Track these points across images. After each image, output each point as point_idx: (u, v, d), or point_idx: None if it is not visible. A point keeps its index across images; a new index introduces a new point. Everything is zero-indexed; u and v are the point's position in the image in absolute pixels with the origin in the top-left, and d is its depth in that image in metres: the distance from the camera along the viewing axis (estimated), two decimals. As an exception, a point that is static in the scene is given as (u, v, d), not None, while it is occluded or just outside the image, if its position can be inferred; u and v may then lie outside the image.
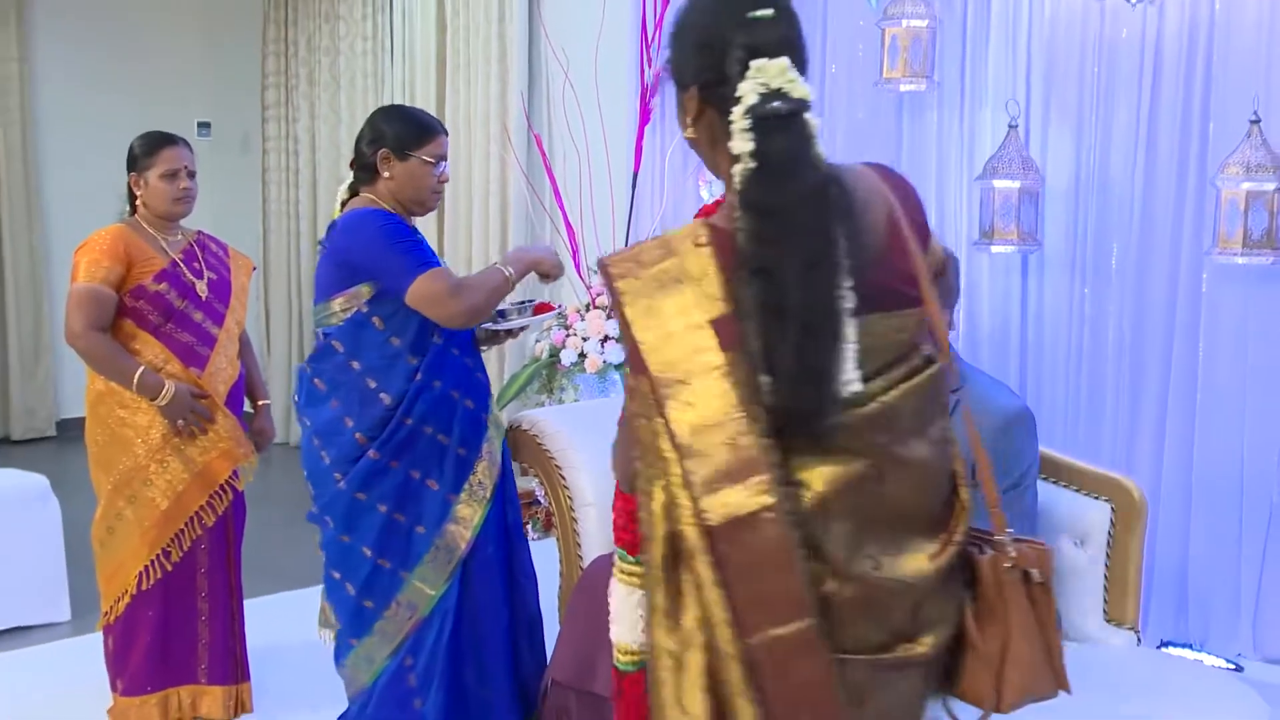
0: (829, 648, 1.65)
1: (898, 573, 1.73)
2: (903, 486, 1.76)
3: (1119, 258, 4.36)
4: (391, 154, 3.05)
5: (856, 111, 5.00)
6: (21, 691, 4.01)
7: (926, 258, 1.84)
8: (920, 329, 1.82)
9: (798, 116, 1.75)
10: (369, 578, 2.98)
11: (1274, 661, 4.05)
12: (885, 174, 1.89)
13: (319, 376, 3.04)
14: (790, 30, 1.81)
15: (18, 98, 7.85)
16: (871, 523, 1.73)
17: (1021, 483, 2.75)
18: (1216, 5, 4.07)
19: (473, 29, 6.62)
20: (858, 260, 1.70)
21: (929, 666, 1.82)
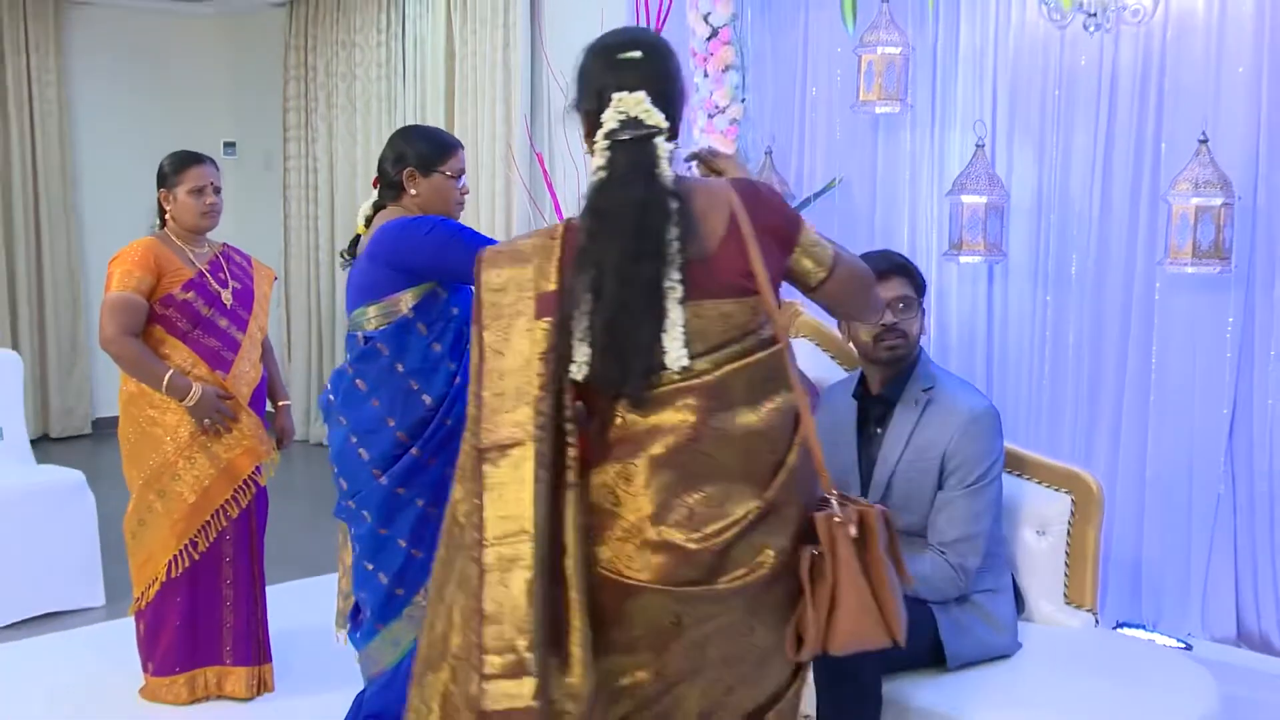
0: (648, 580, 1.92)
1: (710, 522, 1.93)
2: (725, 450, 1.97)
3: (1078, 267, 4.36)
4: (416, 172, 3.01)
5: (835, 132, 5.01)
6: (59, 671, 4.01)
7: (796, 257, 2.08)
8: (756, 315, 2.00)
9: (646, 140, 1.97)
10: (403, 567, 2.93)
11: (1221, 641, 4.06)
12: (742, 188, 2.08)
13: (361, 377, 2.96)
14: (653, 69, 2.01)
15: (56, 120, 7.84)
16: (692, 476, 1.94)
17: (987, 476, 2.76)
18: (1167, 35, 4.09)
19: (479, 56, 6.62)
20: (689, 256, 1.95)
21: (746, 602, 1.98)
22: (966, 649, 2.70)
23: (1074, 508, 3.00)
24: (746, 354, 1.99)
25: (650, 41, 2.08)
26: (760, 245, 2.01)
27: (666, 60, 2.05)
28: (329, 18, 7.65)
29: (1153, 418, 4.20)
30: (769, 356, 2.01)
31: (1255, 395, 3.99)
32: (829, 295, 2.18)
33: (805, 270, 2.12)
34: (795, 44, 5.10)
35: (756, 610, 2.01)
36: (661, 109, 1.99)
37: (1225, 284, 3.98)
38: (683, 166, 2.20)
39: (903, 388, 2.82)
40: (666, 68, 2.04)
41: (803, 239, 2.10)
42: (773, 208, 2.08)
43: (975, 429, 2.74)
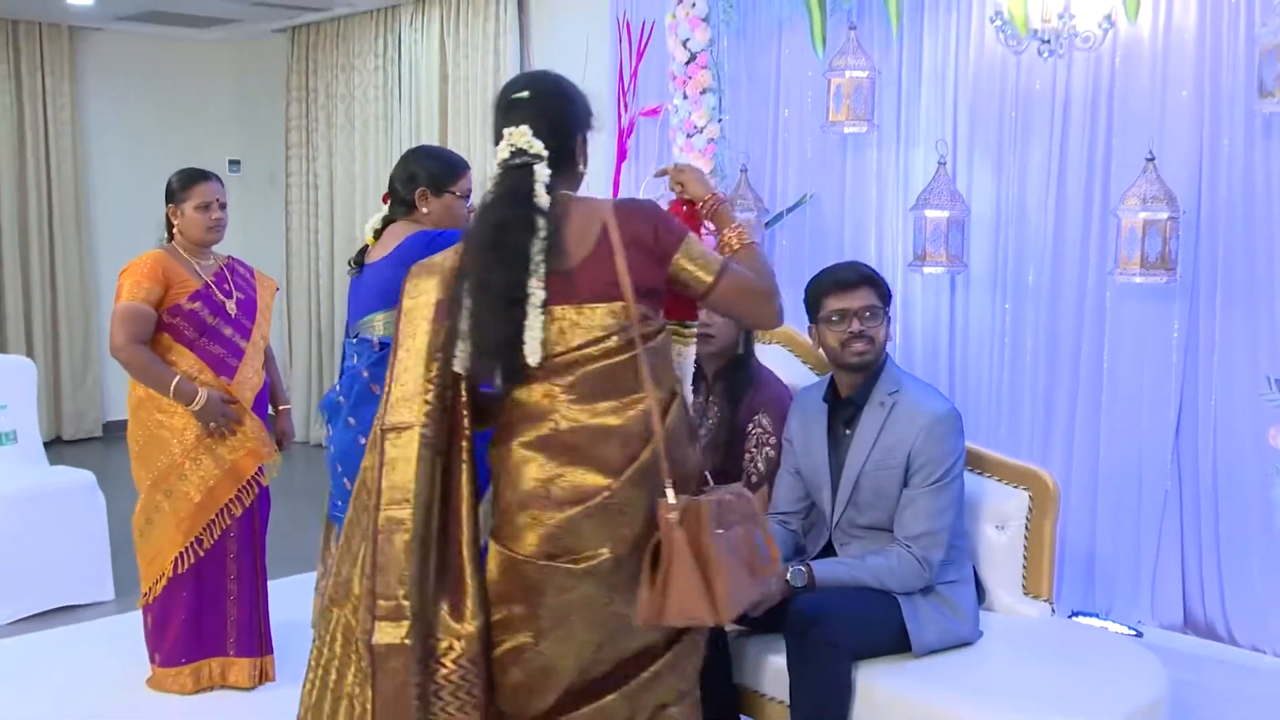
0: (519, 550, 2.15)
1: (567, 505, 2.12)
2: (580, 436, 2.14)
3: (1034, 277, 4.37)
4: (429, 191, 3.03)
5: (806, 150, 5.00)
6: (71, 662, 3.98)
7: (678, 268, 2.20)
8: (618, 320, 2.14)
9: (528, 167, 2.16)
10: None
11: (1169, 628, 4.07)
12: (619, 206, 2.24)
13: (376, 381, 2.91)
14: (539, 107, 2.22)
15: (70, 140, 7.80)
16: (553, 463, 2.14)
17: (949, 474, 2.75)
18: (1116, 61, 4.10)
19: (471, 79, 6.61)
20: (552, 267, 2.12)
21: (599, 577, 2.14)
22: (930, 637, 2.69)
23: (1031, 504, 3.00)
24: (606, 355, 2.15)
25: (539, 83, 2.29)
26: (628, 257, 2.16)
27: (552, 98, 2.26)
28: (329, 43, 7.62)
29: (1104, 419, 4.21)
30: (627, 360, 2.15)
31: (1200, 397, 4.01)
32: (716, 303, 2.29)
33: (689, 279, 2.23)
34: (769, 68, 5.10)
35: (614, 585, 2.16)
36: (545, 139, 2.18)
37: (1171, 293, 3.99)
38: (657, 187, 2.29)
39: (870, 391, 2.82)
40: (552, 104, 2.25)
41: (684, 250, 2.22)
42: (647, 224, 2.21)
43: (938, 430, 2.74)
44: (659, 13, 5.13)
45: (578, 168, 2.31)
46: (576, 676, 2.22)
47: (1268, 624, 3.87)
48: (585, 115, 2.31)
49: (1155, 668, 2.68)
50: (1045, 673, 2.66)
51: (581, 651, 2.20)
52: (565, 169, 2.26)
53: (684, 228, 2.26)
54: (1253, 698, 3.55)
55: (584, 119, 2.31)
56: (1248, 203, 3.86)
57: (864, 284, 2.82)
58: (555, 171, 2.21)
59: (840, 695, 2.58)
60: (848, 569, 2.70)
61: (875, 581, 2.68)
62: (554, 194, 2.19)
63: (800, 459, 2.92)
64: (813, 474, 2.89)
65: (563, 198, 2.22)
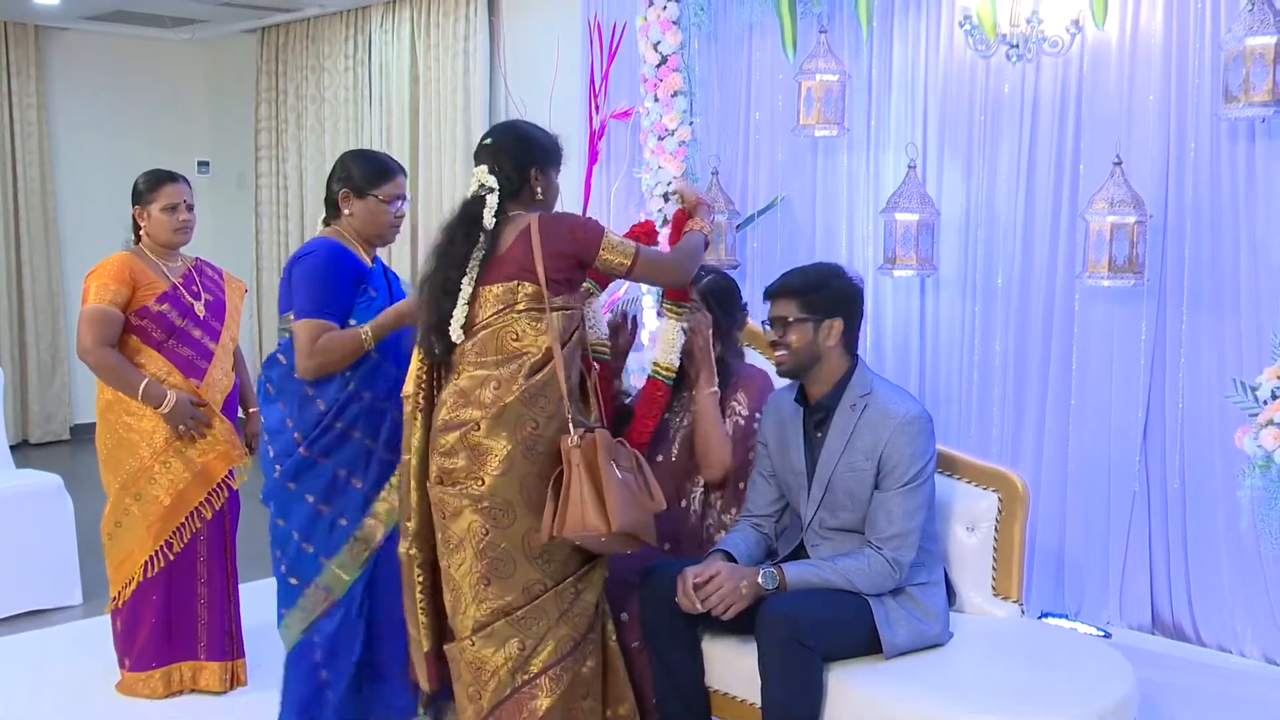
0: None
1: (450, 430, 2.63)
2: (472, 381, 2.63)
3: (1003, 280, 4.40)
4: (351, 193, 3.03)
5: (776, 153, 5.01)
6: (38, 667, 3.93)
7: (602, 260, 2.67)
8: (511, 295, 2.63)
9: (482, 199, 2.69)
10: (295, 558, 2.97)
11: (1137, 628, 4.10)
12: (545, 222, 2.66)
13: (269, 381, 3.04)
14: (496, 149, 2.74)
15: (37, 139, 7.72)
16: (457, 399, 2.64)
17: (920, 477, 2.76)
18: (1084, 66, 4.13)
19: (442, 80, 6.58)
20: (486, 264, 2.65)
21: (476, 506, 2.59)
22: (901, 639, 2.70)
23: (1001, 505, 3.01)
24: (498, 320, 2.63)
25: (501, 132, 2.81)
26: (542, 250, 2.62)
27: (509, 142, 2.75)
28: (299, 44, 7.58)
29: (1073, 421, 4.23)
30: (508, 325, 2.62)
31: (1167, 399, 4.04)
32: (639, 277, 2.77)
33: (614, 264, 2.70)
34: (739, 71, 5.11)
35: (493, 518, 2.59)
36: (502, 176, 2.70)
37: (1139, 296, 4.02)
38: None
39: (840, 395, 2.83)
40: (508, 147, 2.74)
41: (603, 248, 2.68)
42: (565, 237, 2.65)
43: (909, 432, 2.75)
44: (630, 15, 5.13)
45: (535, 195, 2.75)
46: (474, 605, 2.63)
47: (1234, 624, 3.91)
48: (542, 153, 2.77)
49: (1123, 668, 2.70)
50: (1015, 673, 2.67)
51: (475, 580, 2.63)
52: (521, 196, 2.73)
53: (601, 227, 2.71)
54: (1219, 697, 3.58)
55: (540, 156, 2.76)
56: (1214, 207, 3.89)
57: (782, 295, 2.86)
58: (510, 198, 2.71)
59: (812, 697, 2.59)
60: (818, 571, 2.71)
61: (846, 583, 2.69)
62: (503, 215, 2.69)
63: (776, 462, 2.93)
64: (789, 476, 2.89)
65: (511, 217, 2.70)
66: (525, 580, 2.61)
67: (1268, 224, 3.80)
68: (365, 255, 3.07)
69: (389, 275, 3.16)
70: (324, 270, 2.95)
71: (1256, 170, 3.81)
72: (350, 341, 2.93)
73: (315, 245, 3.01)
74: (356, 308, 2.98)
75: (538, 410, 2.60)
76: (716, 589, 2.66)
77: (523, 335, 2.62)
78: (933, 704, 2.51)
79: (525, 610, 2.61)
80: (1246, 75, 3.57)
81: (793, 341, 2.82)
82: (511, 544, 2.60)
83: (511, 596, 2.61)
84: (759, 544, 2.91)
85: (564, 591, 2.64)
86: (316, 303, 2.91)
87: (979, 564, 3.02)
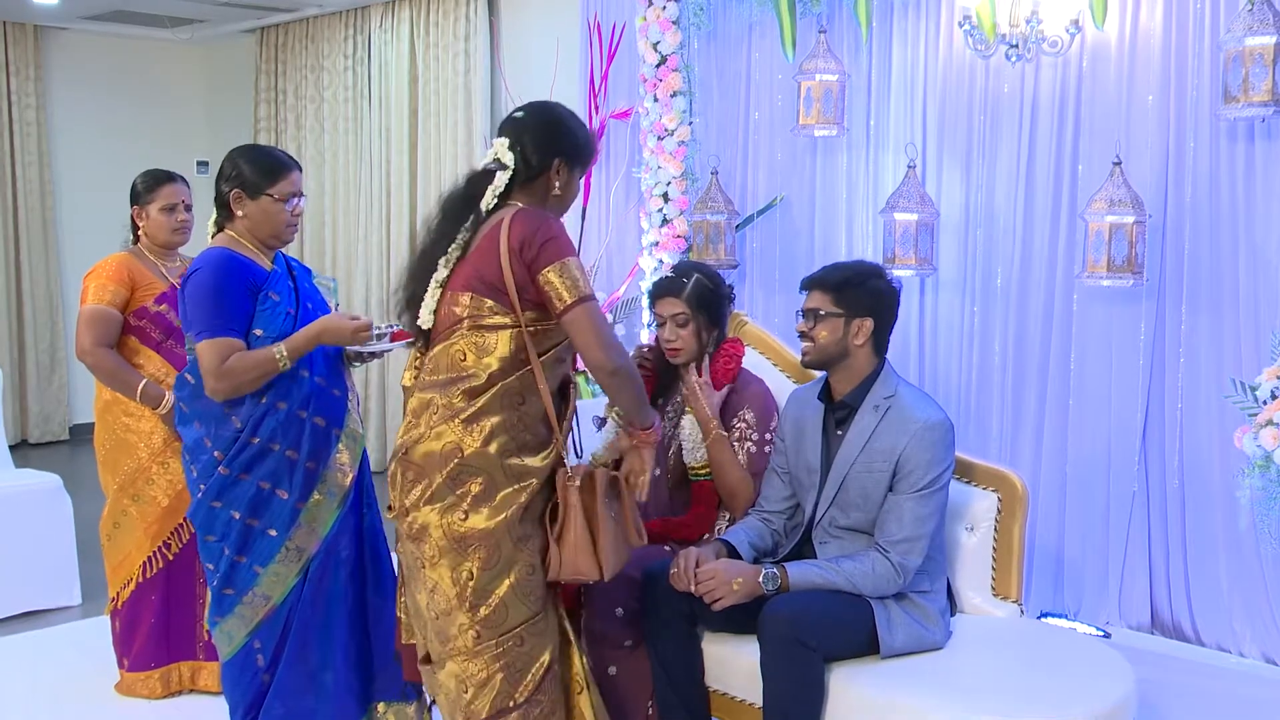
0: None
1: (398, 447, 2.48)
2: (412, 399, 2.49)
3: (1002, 280, 4.39)
4: (244, 194, 2.90)
5: (776, 153, 5.01)
6: (37, 668, 3.93)
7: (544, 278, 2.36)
8: (465, 310, 2.41)
9: (491, 173, 2.46)
10: (228, 571, 2.88)
11: (1136, 628, 4.10)
12: (517, 216, 2.40)
13: (181, 401, 2.94)
14: (524, 126, 2.47)
15: (36, 140, 7.72)
16: (410, 411, 2.48)
17: (936, 483, 2.75)
18: (1083, 66, 4.13)
19: (442, 80, 6.58)
20: (464, 255, 2.44)
21: (408, 535, 2.44)
22: (900, 641, 2.70)
23: (1000, 505, 3.01)
24: (448, 338, 2.44)
25: (537, 107, 2.55)
26: (511, 258, 2.37)
27: (541, 122, 2.49)
28: (298, 44, 7.57)
29: (1072, 421, 4.23)
30: (459, 346, 2.41)
31: (1166, 399, 4.04)
32: (567, 323, 2.39)
33: (552, 294, 2.37)
34: (739, 71, 5.10)
35: (421, 548, 2.42)
36: (520, 153, 2.45)
37: (1138, 296, 4.02)
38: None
39: (864, 395, 2.83)
40: (538, 126, 2.48)
41: (558, 268, 2.36)
42: (529, 240, 2.37)
43: (929, 437, 2.74)
44: (629, 15, 5.14)
45: (551, 190, 2.49)
46: (429, 635, 2.48)
47: (1233, 624, 3.91)
48: (573, 145, 2.50)
49: (1123, 667, 2.69)
50: (1015, 673, 2.67)
51: (421, 610, 2.48)
52: (534, 186, 2.48)
53: (570, 247, 2.41)
54: (1218, 697, 3.58)
55: (568, 148, 2.49)
56: (1213, 207, 3.89)
57: (818, 287, 2.85)
58: (523, 185, 2.46)
59: (814, 697, 2.58)
60: (821, 572, 2.70)
61: (849, 585, 2.69)
62: (503, 201, 2.45)
63: (791, 458, 2.92)
64: (802, 472, 2.88)
65: (506, 205, 2.45)
66: (459, 624, 2.40)
67: (1267, 224, 3.80)
68: (263, 258, 2.93)
69: (295, 272, 3.04)
70: (214, 286, 2.80)
71: (1256, 171, 3.81)
72: (264, 363, 2.80)
73: (203, 260, 2.86)
74: (259, 316, 2.85)
75: (467, 438, 2.37)
76: (708, 577, 2.66)
77: (470, 354, 2.40)
78: (932, 704, 2.50)
79: (466, 658, 2.41)
80: (1246, 75, 3.57)
81: (821, 335, 2.81)
82: (443, 581, 2.40)
83: (451, 640, 2.42)
84: (762, 536, 2.90)
85: (505, 643, 2.41)
86: (214, 321, 2.78)
87: (978, 564, 3.02)
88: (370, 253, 6.99)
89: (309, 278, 3.09)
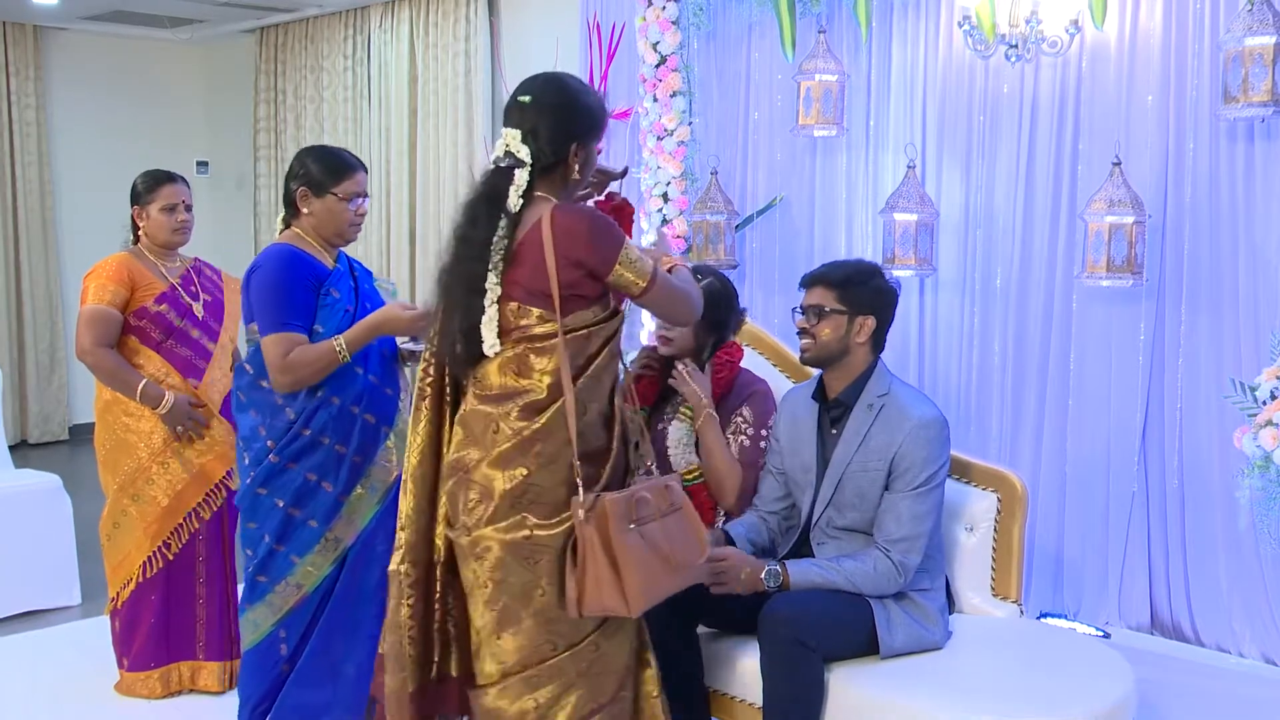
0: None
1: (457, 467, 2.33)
2: (472, 418, 2.34)
3: (1002, 280, 4.40)
4: (309, 192, 2.95)
5: (775, 154, 5.01)
6: (37, 667, 3.93)
7: (616, 275, 2.28)
8: (516, 319, 2.28)
9: (509, 169, 2.30)
10: (265, 557, 2.93)
11: (1136, 628, 4.10)
12: (559, 217, 2.27)
13: (239, 391, 3.00)
14: (535, 113, 2.31)
15: (35, 140, 7.72)
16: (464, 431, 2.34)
17: (932, 481, 2.75)
18: (1083, 66, 4.13)
19: (441, 80, 6.58)
20: (508, 265, 2.27)
21: (471, 555, 2.30)
22: (899, 641, 2.70)
23: (1000, 506, 3.01)
24: (506, 349, 2.30)
25: (542, 89, 2.35)
26: (560, 262, 2.25)
27: (551, 106, 2.32)
28: (298, 44, 7.58)
29: (1072, 421, 4.23)
30: (512, 356, 2.29)
31: (1166, 399, 4.04)
32: (649, 302, 2.38)
33: (625, 283, 2.31)
34: (739, 71, 5.11)
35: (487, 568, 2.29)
36: (535, 145, 2.29)
37: (1137, 296, 4.02)
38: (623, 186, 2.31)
39: (858, 393, 2.82)
40: (549, 112, 2.31)
41: (620, 261, 2.29)
42: (582, 241, 2.26)
43: (924, 435, 2.74)
44: (629, 15, 5.14)
45: (571, 175, 2.36)
46: (489, 657, 2.34)
47: (1233, 624, 3.91)
48: (586, 123, 2.35)
49: (1122, 668, 2.69)
50: (1014, 673, 2.67)
51: (489, 631, 2.33)
52: (554, 175, 2.34)
53: (621, 237, 2.32)
54: (1218, 697, 3.58)
55: (583, 127, 2.35)
56: (1213, 207, 3.89)
57: (821, 284, 2.85)
58: (543, 176, 2.31)
59: (813, 697, 2.58)
60: (822, 571, 2.70)
61: (849, 585, 2.68)
62: (530, 198, 2.30)
63: (786, 457, 2.92)
64: (798, 472, 2.88)
65: (535, 199, 2.31)
66: (533, 639, 2.30)
67: (1266, 224, 3.80)
68: (326, 256, 2.99)
69: (357, 272, 3.09)
70: (278, 281, 2.87)
71: (1255, 171, 3.81)
72: (325, 355, 2.85)
73: (266, 256, 2.93)
74: (320, 312, 2.91)
75: (533, 457, 2.26)
76: (722, 559, 2.64)
77: (525, 370, 2.29)
78: (932, 704, 2.50)
79: (538, 670, 2.31)
80: (1245, 75, 3.57)
81: (823, 333, 2.81)
82: (512, 598, 2.29)
83: (523, 654, 2.30)
84: (759, 532, 2.90)
85: (582, 652, 2.32)
86: (277, 316, 2.84)
87: (978, 564, 3.02)
88: (370, 253, 6.99)
89: (369, 280, 3.14)
